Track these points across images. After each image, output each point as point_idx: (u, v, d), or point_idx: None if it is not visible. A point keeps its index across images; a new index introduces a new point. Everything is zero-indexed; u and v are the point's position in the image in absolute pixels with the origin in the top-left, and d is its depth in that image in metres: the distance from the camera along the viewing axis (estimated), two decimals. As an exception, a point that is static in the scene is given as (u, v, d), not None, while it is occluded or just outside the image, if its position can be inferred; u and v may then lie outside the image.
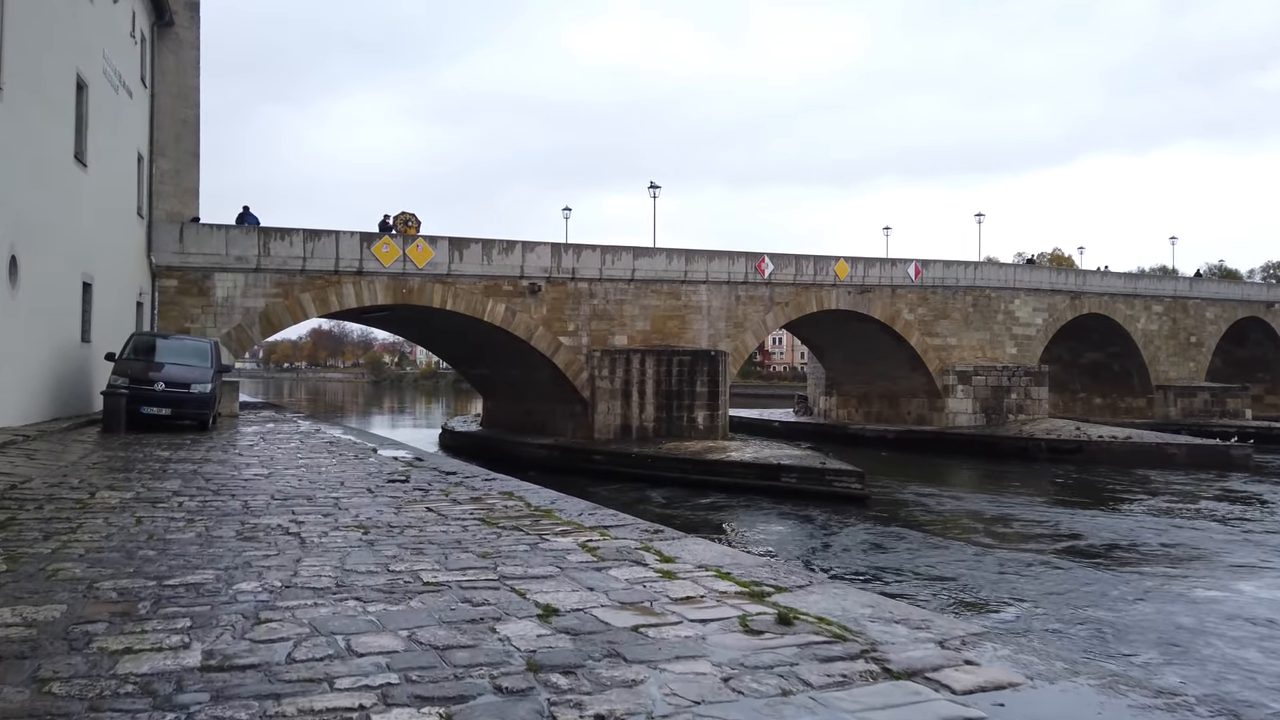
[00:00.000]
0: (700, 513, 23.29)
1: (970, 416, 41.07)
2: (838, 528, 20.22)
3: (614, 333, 33.24)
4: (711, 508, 24.01)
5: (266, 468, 10.65)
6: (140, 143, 23.59)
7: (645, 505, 23.93)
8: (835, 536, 19.27)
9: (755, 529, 20.64)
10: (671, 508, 23.62)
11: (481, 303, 30.59)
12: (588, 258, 32.77)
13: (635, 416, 32.04)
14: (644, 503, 24.52)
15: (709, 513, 23.34)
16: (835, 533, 19.69)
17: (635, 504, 24.04)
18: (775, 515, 22.25)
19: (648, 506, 23.69)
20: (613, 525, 6.75)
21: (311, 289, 28.04)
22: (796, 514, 22.31)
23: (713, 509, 23.80)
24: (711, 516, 22.73)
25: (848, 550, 17.50)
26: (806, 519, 21.54)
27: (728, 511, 23.29)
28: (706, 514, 23.14)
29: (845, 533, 19.59)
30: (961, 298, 42.62)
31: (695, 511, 23.39)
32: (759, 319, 36.58)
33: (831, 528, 20.23)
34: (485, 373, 37.77)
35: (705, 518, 22.54)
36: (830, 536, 19.23)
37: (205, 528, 6.43)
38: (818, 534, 19.60)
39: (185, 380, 16.48)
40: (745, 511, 23.01)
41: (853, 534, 19.33)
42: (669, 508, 23.60)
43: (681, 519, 22.03)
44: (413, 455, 12.97)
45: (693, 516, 22.59)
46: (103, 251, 19.68)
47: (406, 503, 8.02)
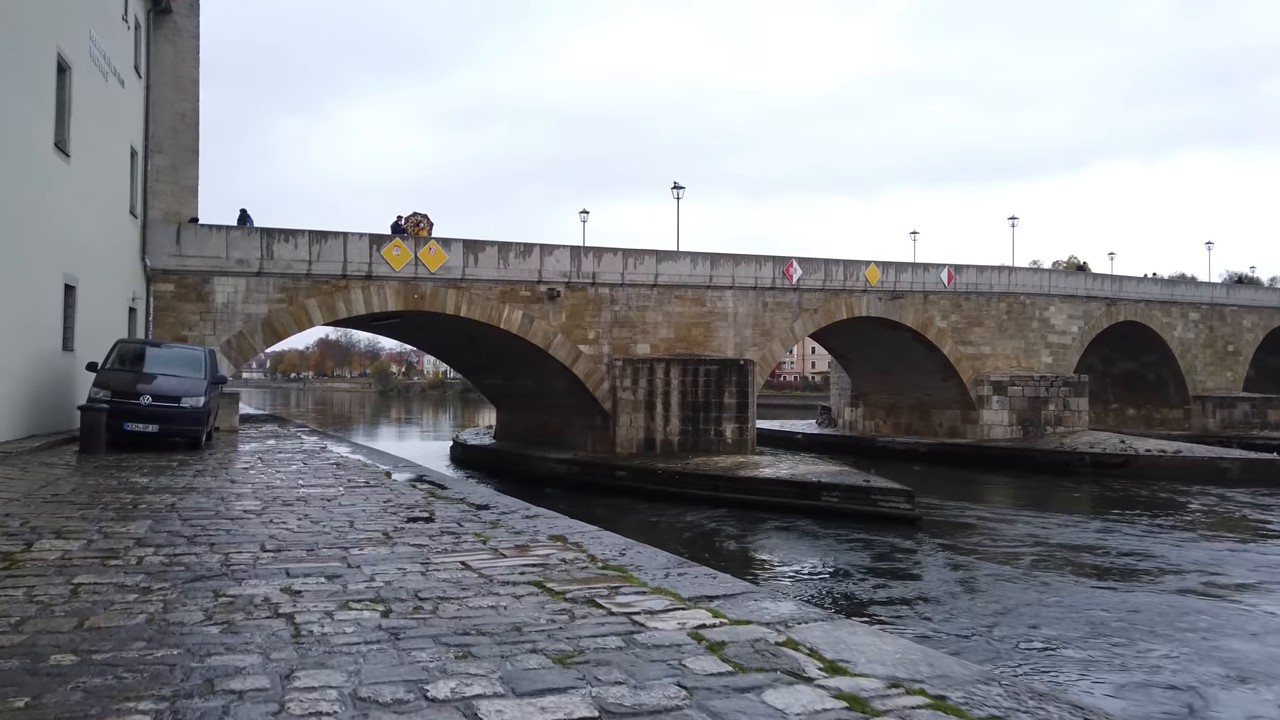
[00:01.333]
0: (741, 537, 21.43)
1: (1006, 429, 39.19)
2: (903, 558, 18.24)
3: (636, 341, 31.48)
4: (750, 530, 22.14)
5: (261, 500, 8.86)
6: (134, 136, 21.93)
7: (679, 527, 22.09)
8: (906, 570, 17.30)
9: (809, 559, 18.75)
10: (708, 531, 21.78)
11: (497, 309, 28.85)
12: (609, 261, 31.03)
13: (659, 429, 30.24)
14: (676, 524, 22.69)
15: (750, 536, 21.47)
16: (904, 564, 17.70)
17: (667, 526, 22.19)
18: (823, 541, 20.36)
19: (682, 529, 21.86)
20: (720, 595, 4.94)
21: (318, 294, 26.32)
22: (845, 538, 20.43)
23: (752, 532, 21.93)
24: (755, 541, 20.86)
25: (937, 596, 15.46)
26: (860, 545, 19.62)
27: (770, 536, 21.42)
28: (748, 538, 21.27)
29: (917, 565, 17.59)
30: (995, 304, 40.78)
31: (735, 536, 21.52)
32: (787, 326, 34.79)
33: (897, 558, 18.22)
34: (499, 383, 36.00)
35: (749, 543, 20.68)
36: (901, 570, 17.22)
37: (163, 603, 4.62)
38: (884, 566, 17.56)
39: (175, 393, 14.71)
40: (789, 536, 21.12)
41: (927, 567, 17.26)
42: (706, 531, 21.76)
43: (724, 546, 20.19)
44: (433, 480, 11.17)
45: (735, 543, 20.74)
46: (89, 251, 17.98)
47: (434, 553, 6.22)
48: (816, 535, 20.91)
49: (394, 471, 12.38)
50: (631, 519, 24.04)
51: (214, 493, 9.44)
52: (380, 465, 13.10)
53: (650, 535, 21.20)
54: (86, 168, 17.61)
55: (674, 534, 21.27)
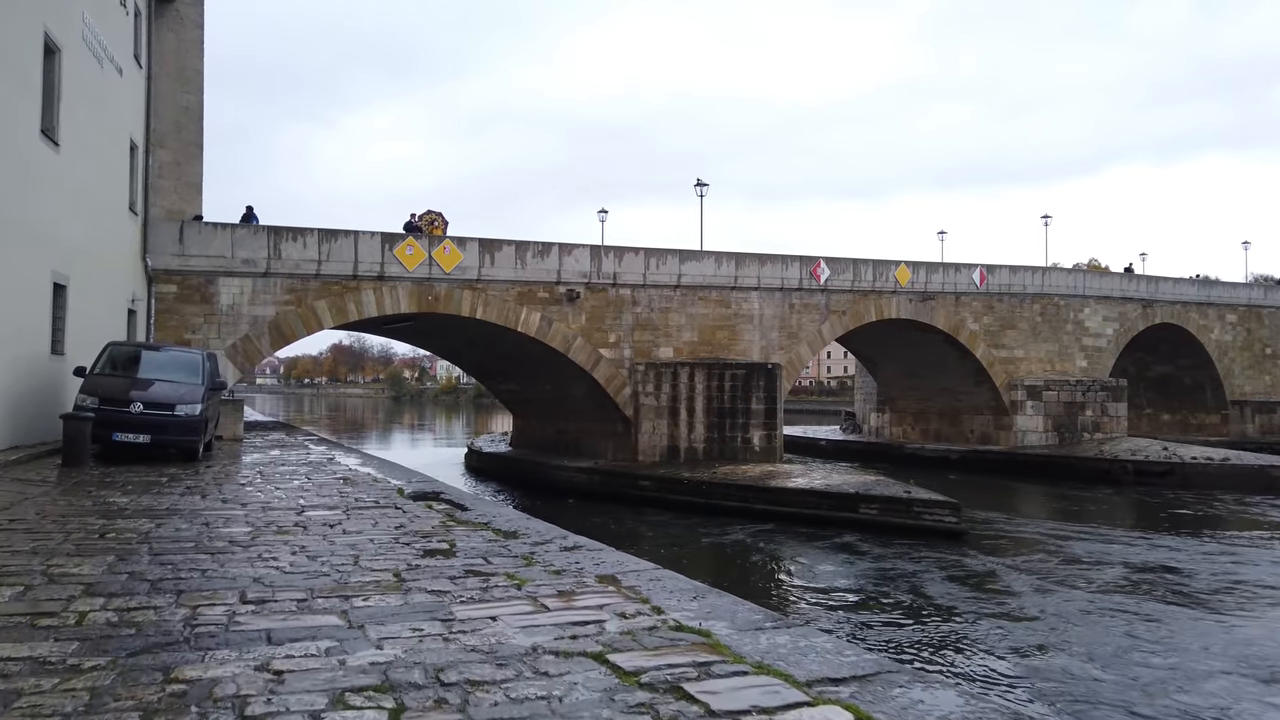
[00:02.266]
0: (778, 554, 20.06)
1: (1041, 435, 37.65)
2: (963, 581, 16.66)
3: (658, 344, 30.17)
4: (786, 546, 20.77)
5: (252, 526, 7.59)
6: (134, 129, 20.77)
7: (710, 543, 20.74)
8: (972, 596, 15.79)
9: (859, 582, 17.29)
10: (742, 547, 20.41)
11: (514, 311, 27.58)
12: (630, 261, 29.74)
13: (684, 437, 28.90)
14: (707, 538, 21.35)
15: (788, 553, 20.08)
16: (966, 589, 16.14)
17: (696, 540, 20.84)
18: (868, 559, 18.95)
19: (714, 545, 20.51)
20: (851, 678, 3.62)
21: (327, 295, 25.11)
22: (891, 556, 19.02)
23: (789, 548, 20.56)
24: (795, 559, 19.44)
25: (1018, 630, 14.00)
26: (911, 563, 18.17)
27: (809, 553, 20.01)
28: (786, 556, 19.89)
29: (979, 589, 16.04)
30: (1029, 306, 39.27)
31: (772, 553, 20.14)
32: (814, 329, 33.41)
33: (957, 581, 16.61)
34: (515, 388, 34.73)
35: (789, 562, 19.28)
36: (966, 596, 15.66)
37: (88, 696, 3.32)
38: (946, 590, 16.01)
39: (169, 400, 13.47)
40: (830, 553, 19.71)
41: (991, 593, 15.67)
42: (739, 547, 20.39)
43: (763, 565, 18.82)
44: (451, 500, 9.87)
45: (774, 561, 19.36)
46: (82, 248, 16.80)
47: (458, 603, 4.91)
48: (859, 552, 19.50)
49: (406, 487, 11.10)
50: (658, 532, 22.72)
51: (200, 515, 8.18)
52: (391, 480, 11.82)
53: (681, 551, 19.88)
54: (79, 159, 16.44)
55: (706, 550, 19.94)
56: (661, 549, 20.40)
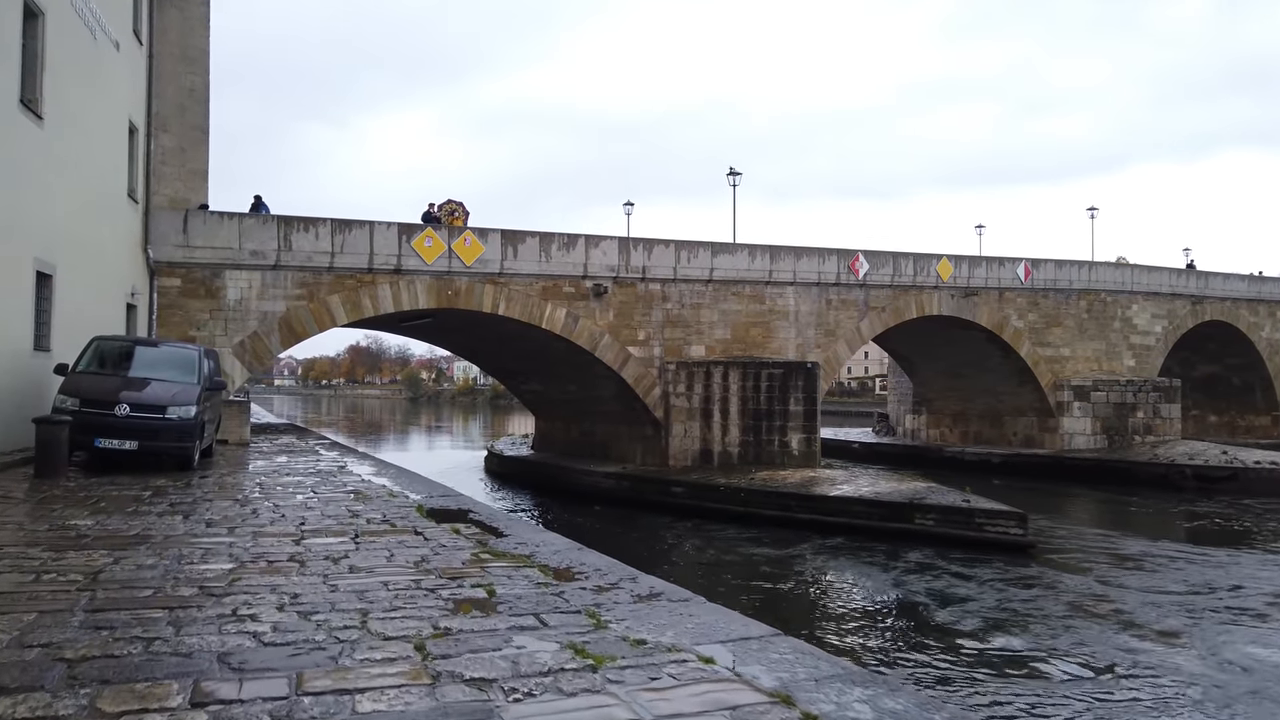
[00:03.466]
0: (830, 570, 18.34)
1: (1089, 438, 35.76)
2: (1044, 606, 14.86)
3: (690, 342, 28.51)
4: (837, 560, 19.06)
5: (236, 560, 6.00)
6: (133, 109, 19.31)
7: (754, 558, 19.05)
8: (1070, 627, 14.03)
9: (929, 603, 15.53)
10: (789, 562, 18.71)
11: (538, 307, 25.99)
12: (660, 255, 28.09)
13: (717, 440, 27.23)
14: (749, 552, 19.66)
15: (841, 570, 18.35)
16: (1063, 618, 14.33)
17: (739, 555, 19.13)
18: (930, 575, 17.21)
19: (759, 560, 18.81)
20: None
21: (341, 290, 23.60)
22: (955, 573, 17.28)
23: (841, 563, 18.83)
24: (850, 577, 17.69)
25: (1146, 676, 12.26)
26: (981, 582, 16.41)
27: (865, 568, 18.27)
28: (840, 572, 18.15)
29: (1071, 617, 14.24)
30: (1075, 302, 37.37)
31: (824, 569, 18.42)
32: (852, 326, 31.66)
33: (1042, 606, 14.77)
34: (538, 389, 33.14)
35: (844, 580, 17.54)
36: (1064, 625, 13.88)
37: None
38: (1026, 619, 14.27)
39: (159, 402, 11.93)
40: (888, 570, 17.95)
41: (1088, 622, 13.85)
42: (786, 563, 18.68)
43: (817, 583, 17.11)
44: (480, 520, 8.25)
45: (826, 577, 17.63)
46: (71, 235, 15.32)
47: (513, 700, 3.27)
48: (921, 569, 17.74)
49: (426, 502, 9.50)
50: (693, 544, 21.07)
51: (174, 545, 6.60)
52: (409, 494, 10.22)
53: (723, 568, 18.22)
54: (67, 136, 14.96)
55: (751, 567, 18.25)
56: (701, 566, 18.75)
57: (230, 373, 22.01)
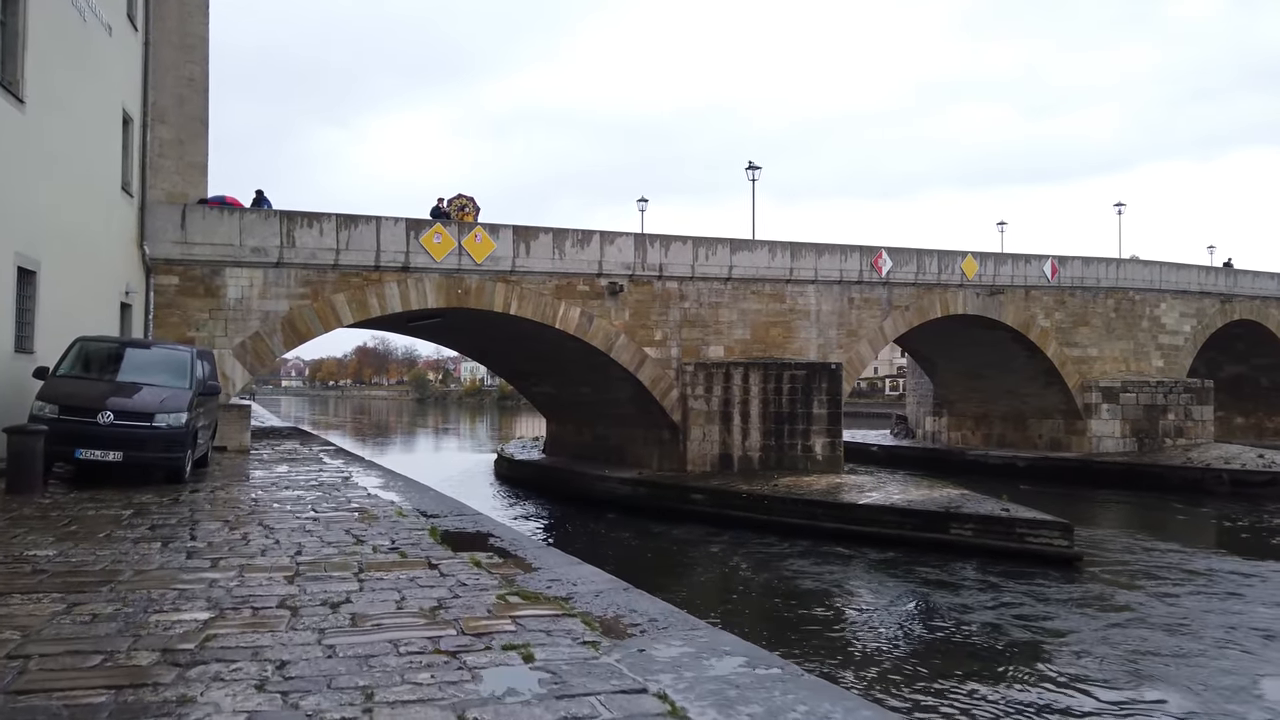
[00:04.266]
0: (863, 586, 17.23)
1: (1118, 441, 34.61)
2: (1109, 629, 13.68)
3: (708, 342, 27.46)
4: (871, 573, 17.96)
5: (212, 608, 4.95)
6: (128, 98, 18.33)
7: (784, 572, 17.98)
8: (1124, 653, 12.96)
9: (976, 623, 14.46)
10: (818, 575, 17.63)
11: (552, 306, 24.96)
12: (677, 251, 27.04)
13: (737, 444, 26.18)
14: (778, 565, 18.60)
15: (875, 584, 17.23)
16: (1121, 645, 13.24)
17: (767, 568, 18.05)
18: (971, 590, 16.11)
19: (789, 575, 17.73)
20: None
21: (346, 289, 22.59)
22: (998, 588, 16.20)
23: (874, 577, 17.73)
24: (888, 592, 16.53)
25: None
26: (1026, 599, 15.31)
27: (902, 583, 17.15)
28: (875, 587, 17.02)
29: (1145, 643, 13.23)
30: (1102, 301, 36.21)
31: (855, 584, 17.32)
32: (875, 326, 30.54)
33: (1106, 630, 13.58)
34: (551, 391, 32.11)
35: (882, 595, 16.40)
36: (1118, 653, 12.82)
37: None
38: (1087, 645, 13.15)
39: (146, 408, 10.92)
40: (925, 585, 16.85)
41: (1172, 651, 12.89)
42: (815, 576, 17.60)
43: (851, 600, 16.02)
44: (505, 548, 7.21)
45: (861, 595, 16.52)
46: (58, 229, 14.34)
47: None
48: (962, 584, 16.65)
49: (441, 522, 8.46)
50: (715, 554, 20.02)
51: (144, 584, 5.57)
52: (421, 512, 9.17)
53: (752, 583, 17.12)
54: (52, 122, 13.98)
55: (782, 582, 17.18)
56: (729, 581, 17.70)
57: (230, 375, 21.05)
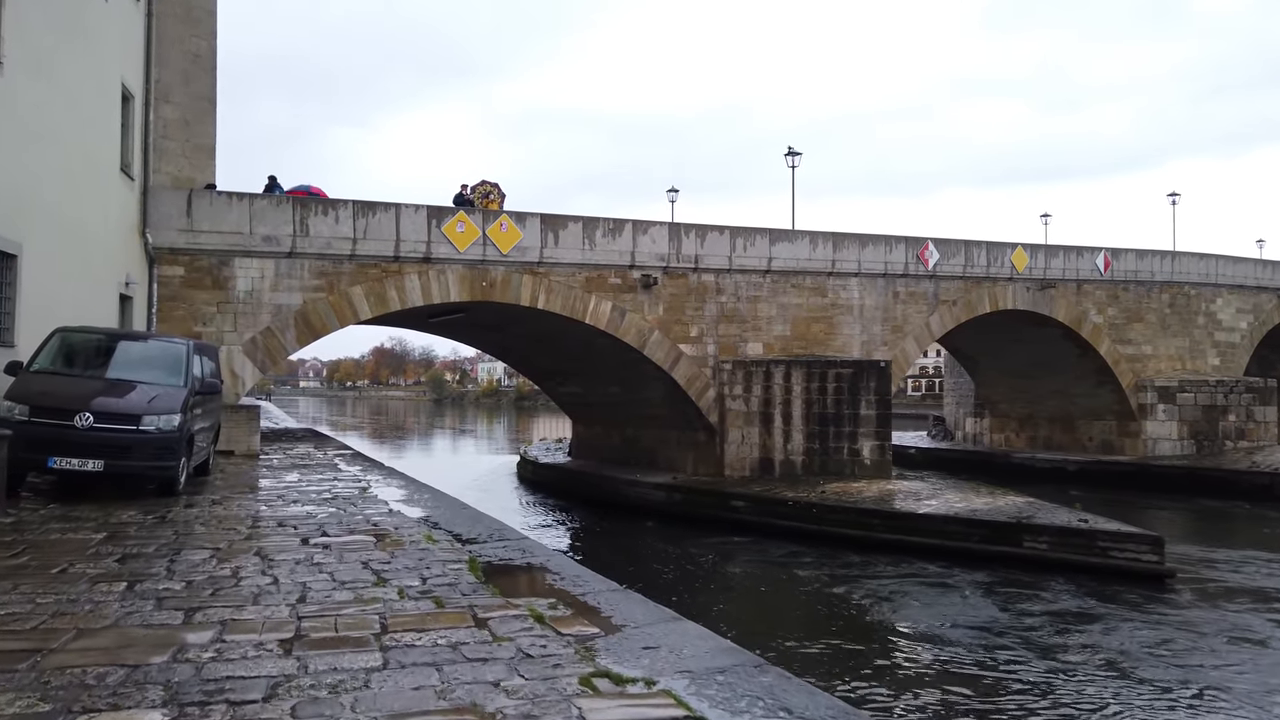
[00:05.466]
0: (933, 604, 15.45)
1: (1175, 443, 32.72)
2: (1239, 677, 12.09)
3: (746, 339, 25.81)
4: (936, 589, 16.21)
5: (174, 704, 3.35)
6: (128, 73, 16.87)
7: (837, 585, 16.30)
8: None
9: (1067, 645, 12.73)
10: (880, 593, 15.94)
11: (581, 300, 23.37)
12: (714, 242, 25.40)
13: (779, 448, 24.52)
14: (830, 581, 16.93)
15: (943, 601, 15.45)
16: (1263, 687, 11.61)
17: (818, 585, 16.39)
18: (1065, 618, 14.39)
19: (843, 590, 16.06)
20: None
21: (364, 280, 21.09)
22: (1089, 611, 14.48)
23: (945, 595, 15.96)
24: (964, 615, 14.78)
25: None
26: (1134, 626, 13.58)
27: (977, 603, 15.43)
28: (943, 606, 15.24)
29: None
30: (1156, 296, 34.30)
31: (923, 601, 15.52)
32: (921, 322, 28.79)
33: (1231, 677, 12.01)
34: (578, 391, 30.53)
35: (958, 619, 14.67)
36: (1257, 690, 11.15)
37: None
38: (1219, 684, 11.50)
39: (131, 409, 9.40)
40: (1009, 607, 15.11)
41: None
42: (878, 594, 15.91)
43: (921, 619, 14.29)
44: (566, 591, 5.61)
45: (935, 615, 14.75)
46: (44, 210, 12.88)
47: None
48: (1044, 604, 14.93)
49: (479, 549, 6.87)
50: (769, 570, 18.37)
51: (83, 655, 3.99)
52: (455, 536, 7.59)
53: (810, 602, 15.44)
54: (35, 92, 12.52)
55: (845, 603, 15.51)
56: (784, 599, 16.03)
57: (240, 373, 19.61)
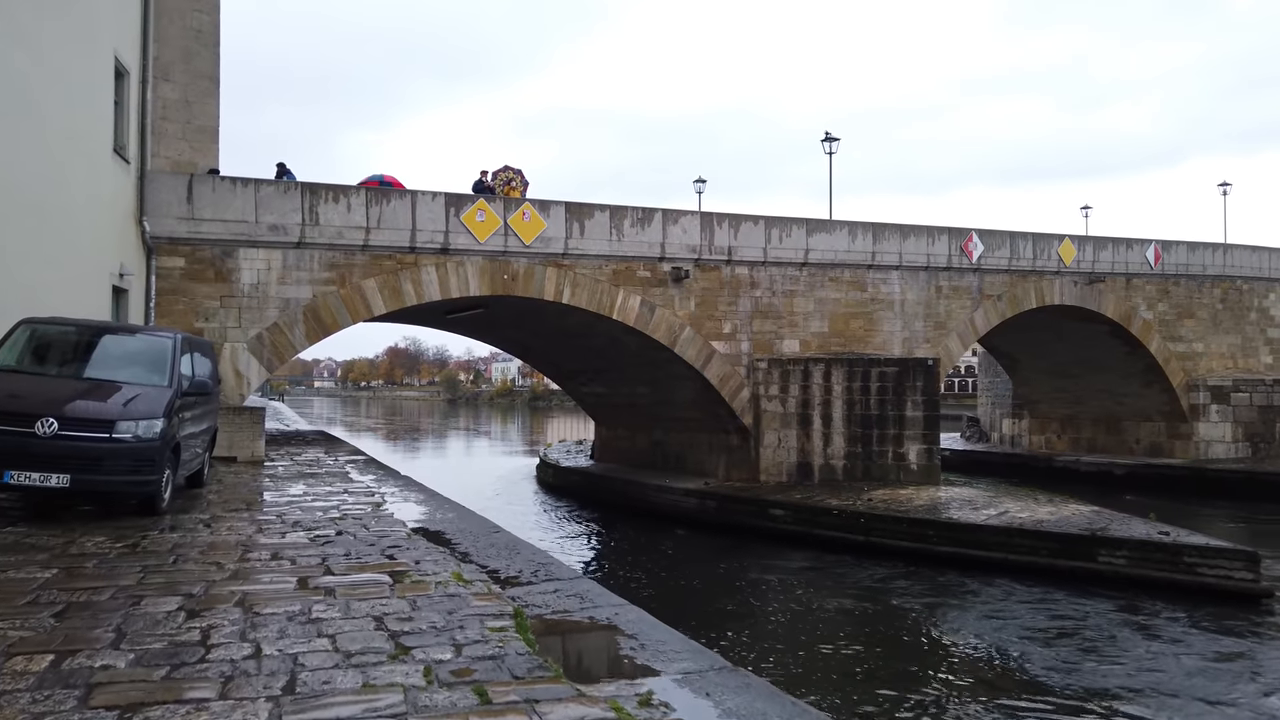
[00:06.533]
0: (1016, 629, 13.88)
1: (1229, 446, 31.04)
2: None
3: (782, 335, 24.30)
4: (1007, 609, 14.63)
5: None
6: (121, 46, 15.52)
7: (888, 599, 14.75)
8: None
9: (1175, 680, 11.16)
10: (957, 615, 14.38)
11: (609, 294, 21.92)
12: (748, 233, 23.89)
13: (817, 451, 23.01)
14: (890, 598, 15.39)
15: (1029, 626, 13.89)
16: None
17: (870, 603, 14.83)
18: (1157, 640, 12.82)
19: (898, 609, 14.50)
20: None
21: (378, 273, 19.69)
22: (1187, 638, 12.90)
23: (1019, 617, 14.38)
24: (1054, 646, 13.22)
25: None
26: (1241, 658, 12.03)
27: (1052, 626, 13.85)
28: (1029, 632, 13.69)
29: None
30: (1208, 291, 32.60)
31: (998, 625, 13.95)
32: (965, 318, 27.19)
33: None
34: (602, 391, 29.07)
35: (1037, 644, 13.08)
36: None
37: None
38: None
39: (103, 414, 7.97)
40: (1090, 629, 13.54)
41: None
42: (953, 614, 14.36)
43: (1005, 649, 12.70)
44: (645, 661, 4.13)
45: (1021, 644, 13.16)
46: (19, 189, 11.52)
47: None
48: (1132, 628, 13.35)
49: (528, 599, 5.40)
50: (818, 583, 16.84)
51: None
52: (492, 574, 6.13)
53: (867, 625, 13.93)
54: (16, 62, 11.15)
55: (906, 624, 13.98)
56: (846, 623, 14.48)
57: (245, 372, 18.25)
